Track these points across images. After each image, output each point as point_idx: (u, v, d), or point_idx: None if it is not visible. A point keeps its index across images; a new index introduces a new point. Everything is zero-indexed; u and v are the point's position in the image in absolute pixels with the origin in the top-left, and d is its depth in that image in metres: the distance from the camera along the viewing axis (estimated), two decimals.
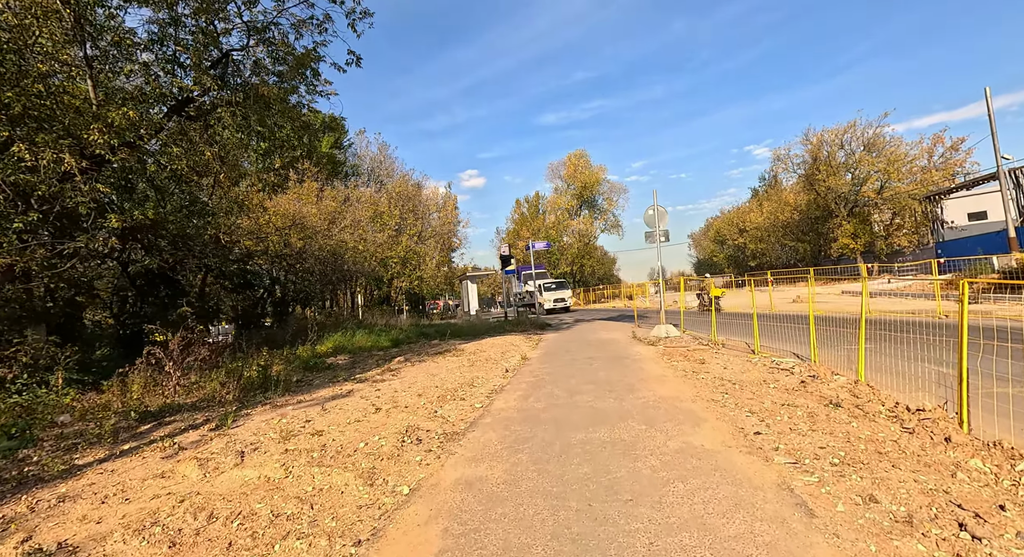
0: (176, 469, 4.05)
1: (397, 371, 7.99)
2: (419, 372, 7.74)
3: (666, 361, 7.36)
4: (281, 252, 17.55)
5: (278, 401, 6.34)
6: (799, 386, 5.61)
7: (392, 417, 5.04)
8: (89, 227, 7.82)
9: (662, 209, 12.63)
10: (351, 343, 13.14)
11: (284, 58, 9.93)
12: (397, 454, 3.85)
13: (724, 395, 4.95)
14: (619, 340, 11.02)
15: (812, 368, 6.77)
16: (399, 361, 8.98)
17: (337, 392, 6.57)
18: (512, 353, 9.64)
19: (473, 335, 14.54)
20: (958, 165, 35.29)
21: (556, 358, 8.59)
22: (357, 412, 5.32)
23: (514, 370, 7.57)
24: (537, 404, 5.18)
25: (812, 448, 3.39)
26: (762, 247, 52.51)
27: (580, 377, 6.50)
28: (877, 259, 37.08)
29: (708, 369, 6.58)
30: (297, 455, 4.01)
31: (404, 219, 31.70)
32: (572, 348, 9.91)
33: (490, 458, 3.63)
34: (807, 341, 8.79)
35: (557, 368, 7.44)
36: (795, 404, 4.61)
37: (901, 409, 4.48)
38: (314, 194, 19.86)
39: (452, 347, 11.03)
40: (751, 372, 6.39)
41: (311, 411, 5.55)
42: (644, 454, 3.42)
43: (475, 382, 6.66)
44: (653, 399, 4.95)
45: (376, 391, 6.44)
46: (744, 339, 10.04)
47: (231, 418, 5.30)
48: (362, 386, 6.87)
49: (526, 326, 16.26)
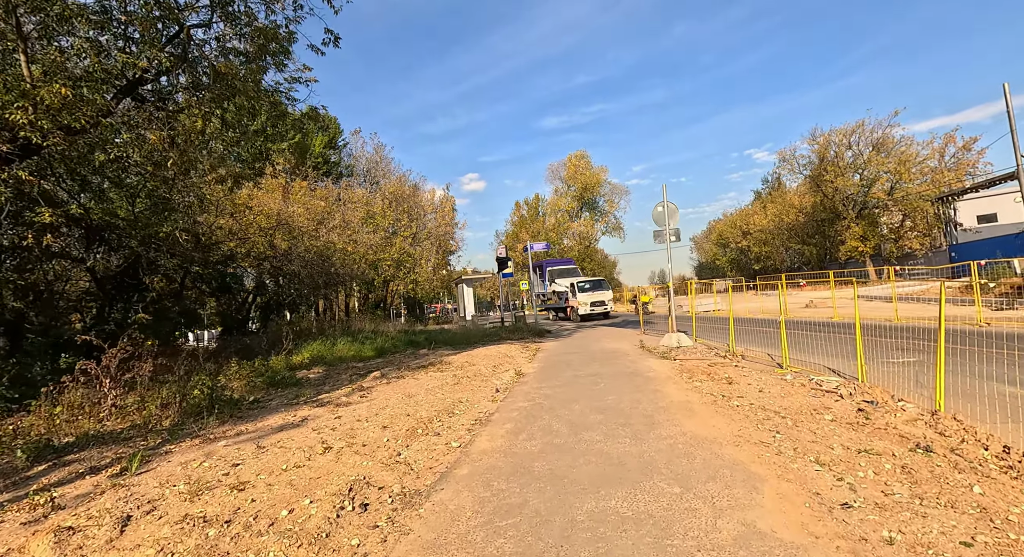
0: (26, 548, 2.89)
1: (369, 391, 6.81)
2: (394, 392, 6.57)
3: (686, 380, 6.20)
4: (264, 254, 16.42)
5: (215, 432, 5.17)
6: (859, 418, 4.45)
7: (342, 461, 3.87)
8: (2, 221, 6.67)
9: (672, 206, 11.50)
10: (331, 353, 11.98)
11: (250, 35, 8.80)
12: (326, 533, 2.68)
13: (775, 436, 3.79)
14: (627, 351, 9.85)
15: (863, 390, 5.61)
16: (375, 377, 7.81)
17: (288, 420, 5.40)
18: (505, 367, 8.47)
19: (465, 343, 13.37)
20: (970, 165, 34.21)
21: (556, 374, 7.43)
22: (301, 452, 4.15)
23: (506, 390, 6.41)
24: (531, 444, 4.01)
25: (943, 540, 2.22)
26: (766, 250, 51.42)
27: (585, 401, 5.34)
28: (887, 262, 35.95)
29: (740, 392, 5.42)
30: (192, 530, 2.85)
31: (398, 220, 30.55)
32: (574, 361, 8.74)
33: (457, 546, 2.47)
34: (839, 353, 7.65)
35: (557, 388, 6.27)
36: (872, 449, 3.45)
37: (1015, 456, 3.34)
38: (289, 190, 18.73)
39: (439, 359, 9.86)
40: (793, 397, 5.23)
41: (246, 449, 4.39)
42: (688, 549, 2.26)
43: (457, 407, 5.49)
44: (683, 441, 3.78)
45: (335, 420, 5.27)
46: (764, 349, 8.90)
47: (136, 461, 4.13)
48: (321, 412, 5.70)
49: (523, 333, 15.10)
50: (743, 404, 4.90)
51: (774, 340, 9.77)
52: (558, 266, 25.55)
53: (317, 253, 18.53)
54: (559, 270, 24.61)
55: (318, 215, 20.12)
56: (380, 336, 14.49)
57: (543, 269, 26.15)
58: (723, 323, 12.29)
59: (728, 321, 12.24)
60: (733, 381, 6.13)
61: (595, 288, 21.44)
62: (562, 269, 24.85)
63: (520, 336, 14.66)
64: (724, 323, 12.14)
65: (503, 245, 19.76)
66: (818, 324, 11.87)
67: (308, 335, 15.83)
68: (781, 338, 7.43)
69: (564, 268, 25.16)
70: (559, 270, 24.61)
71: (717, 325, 12.58)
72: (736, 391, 5.47)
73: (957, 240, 32.39)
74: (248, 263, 18.05)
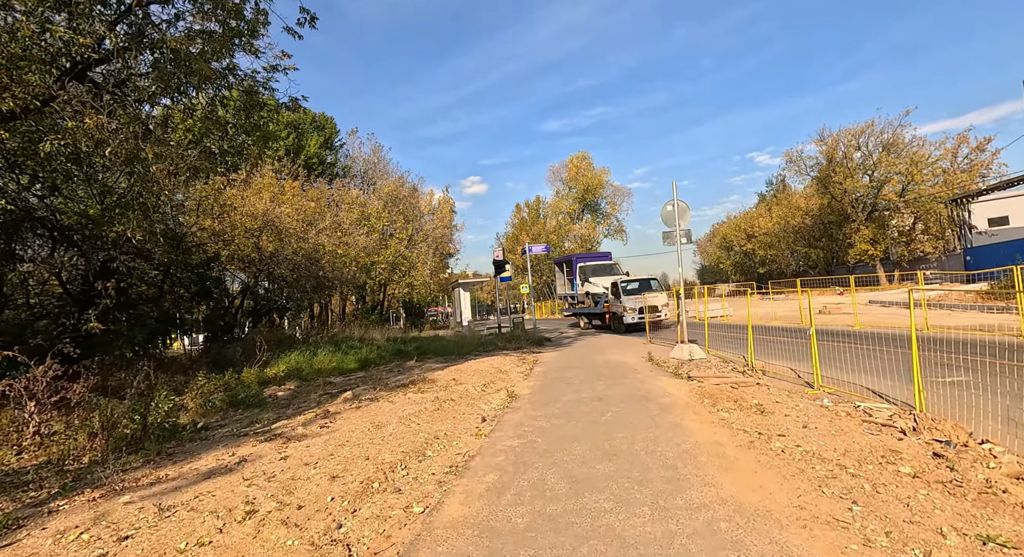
0: None
1: (334, 418, 5.78)
2: (362, 421, 5.54)
3: (710, 409, 5.17)
4: (248, 256, 15.46)
5: (128, 478, 4.15)
6: (942, 469, 3.44)
7: (261, 538, 2.86)
8: None
9: (683, 204, 10.49)
10: (310, 365, 10.97)
11: (211, 11, 7.83)
12: None
13: (852, 508, 2.75)
14: (634, 366, 8.82)
15: (927, 423, 4.58)
16: (346, 399, 6.78)
17: (223, 461, 4.38)
18: (497, 385, 7.44)
19: (457, 354, 12.34)
20: (984, 166, 33.16)
21: (554, 396, 6.40)
22: (214, 519, 3.14)
23: (494, 419, 5.38)
24: (516, 513, 2.99)
25: None
26: (772, 253, 50.30)
27: (588, 440, 4.31)
28: (898, 266, 34.85)
29: (779, 425, 4.39)
30: None
31: (394, 221, 29.55)
32: (575, 379, 7.72)
33: None
34: (873, 368, 6.60)
35: (555, 419, 5.24)
36: (999, 536, 2.42)
37: None
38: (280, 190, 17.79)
39: (424, 375, 8.83)
40: (847, 435, 4.20)
41: (148, 510, 3.37)
42: None
43: (431, 446, 4.47)
44: (724, 515, 2.75)
45: (280, 462, 4.25)
46: (785, 363, 7.90)
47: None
48: (267, 449, 4.68)
49: (520, 342, 14.06)
50: (789, 447, 3.88)
51: (795, 351, 8.76)
52: (592, 262, 20.25)
53: (305, 256, 17.55)
54: (593, 267, 19.58)
55: (308, 216, 19.19)
56: (367, 345, 13.48)
57: (572, 265, 21.15)
58: (734, 331, 11.27)
59: (740, 329, 11.23)
60: (765, 409, 5.11)
61: (644, 288, 16.42)
62: (597, 265, 19.83)
63: (517, 345, 13.62)
64: (735, 331, 11.13)
65: (500, 248, 18.53)
66: (839, 333, 10.82)
67: (292, 343, 14.86)
68: (812, 353, 6.40)
69: (600, 264, 19.96)
70: (593, 267, 19.58)
71: (728, 333, 11.55)
72: (774, 425, 4.44)
73: (972, 243, 31.29)
74: (234, 266, 17.10)
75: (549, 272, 48.06)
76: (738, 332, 11.50)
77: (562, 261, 24.05)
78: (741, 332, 11.38)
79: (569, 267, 21.76)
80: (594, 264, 19.89)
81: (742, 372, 7.86)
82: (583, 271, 19.87)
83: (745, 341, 10.80)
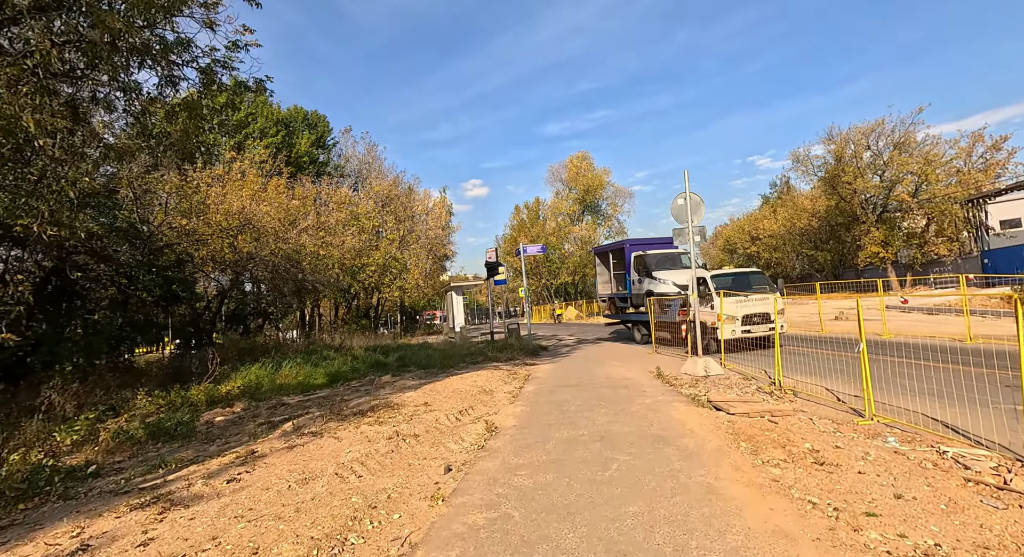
0: None
1: (254, 465, 4.42)
2: (287, 470, 4.19)
3: (752, 460, 3.81)
4: (226, 257, 14.16)
5: None
6: None
7: None
8: None
9: (696, 198, 9.16)
10: (271, 380, 9.62)
11: None
12: None
13: None
14: (640, 383, 7.47)
15: None
16: (284, 433, 5.42)
17: (59, 547, 3.05)
18: (476, 412, 6.09)
19: (441, 366, 10.99)
20: (1000, 166, 31.87)
21: (544, 433, 5.04)
22: None
23: (462, 470, 4.03)
24: None
25: None
26: (777, 256, 48.99)
27: (586, 521, 2.97)
28: (910, 269, 33.49)
29: (861, 495, 3.04)
30: None
31: (385, 221, 28.24)
32: (572, 403, 6.36)
33: None
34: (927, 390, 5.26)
35: (541, 475, 3.89)
36: None
37: None
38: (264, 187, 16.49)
39: (393, 396, 7.47)
40: (966, 510, 2.85)
41: None
42: None
43: (360, 523, 3.12)
44: None
45: (134, 550, 2.91)
46: (816, 380, 6.61)
47: None
48: (132, 523, 3.33)
49: (513, 352, 12.69)
50: (890, 538, 2.53)
51: (823, 365, 7.46)
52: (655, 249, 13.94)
53: (284, 257, 16.22)
54: (659, 257, 13.35)
55: (291, 215, 17.89)
56: (342, 355, 12.13)
57: (624, 255, 14.68)
58: (748, 340, 9.94)
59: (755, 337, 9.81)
60: (826, 460, 3.76)
61: (742, 286, 11.19)
62: (662, 254, 13.52)
63: (509, 355, 12.27)
64: (749, 340, 9.80)
65: (494, 249, 17.14)
66: (869, 344, 9.44)
67: (265, 352, 13.53)
68: (863, 375, 5.03)
69: (666, 253, 13.61)
70: (659, 257, 13.35)
71: (741, 342, 10.19)
72: (852, 492, 3.09)
73: (989, 246, 29.95)
74: (209, 268, 15.79)
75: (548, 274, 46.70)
76: (753, 341, 10.14)
77: (606, 250, 17.46)
78: (756, 341, 10.02)
79: (618, 259, 15.72)
80: (659, 253, 13.52)
81: (769, 393, 6.50)
82: (642, 263, 13.57)
83: (762, 352, 9.47)
